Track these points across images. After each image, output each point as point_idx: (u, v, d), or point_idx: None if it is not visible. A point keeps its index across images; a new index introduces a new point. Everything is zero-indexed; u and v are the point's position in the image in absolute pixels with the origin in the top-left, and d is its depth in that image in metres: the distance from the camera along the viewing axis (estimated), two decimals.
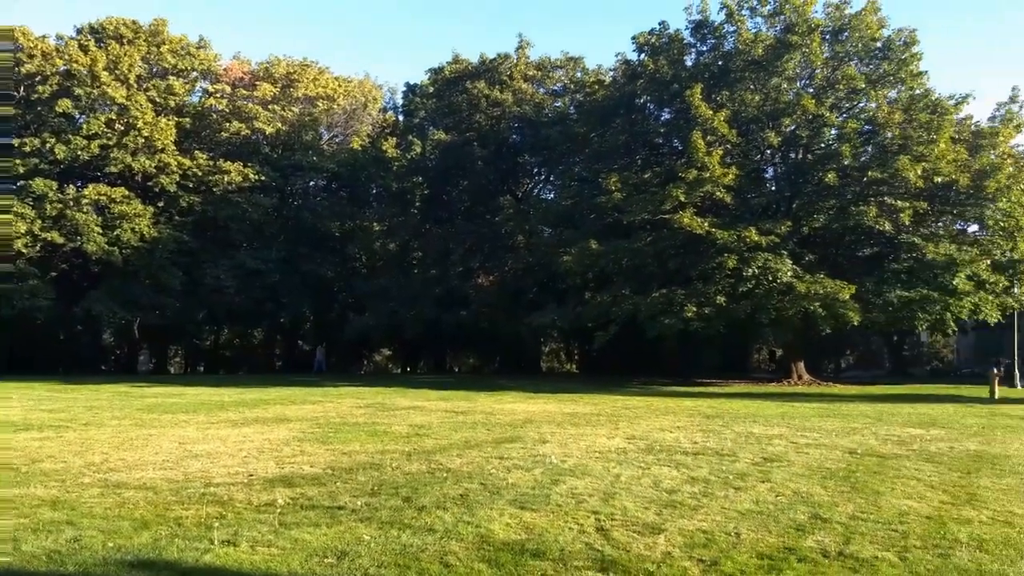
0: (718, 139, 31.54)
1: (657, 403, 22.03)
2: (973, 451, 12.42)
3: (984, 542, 6.95)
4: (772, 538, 7.06)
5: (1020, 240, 30.94)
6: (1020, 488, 9.42)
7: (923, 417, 17.87)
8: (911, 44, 32.18)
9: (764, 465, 10.90)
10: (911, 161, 28.74)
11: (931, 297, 29.02)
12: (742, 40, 32.25)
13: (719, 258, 29.30)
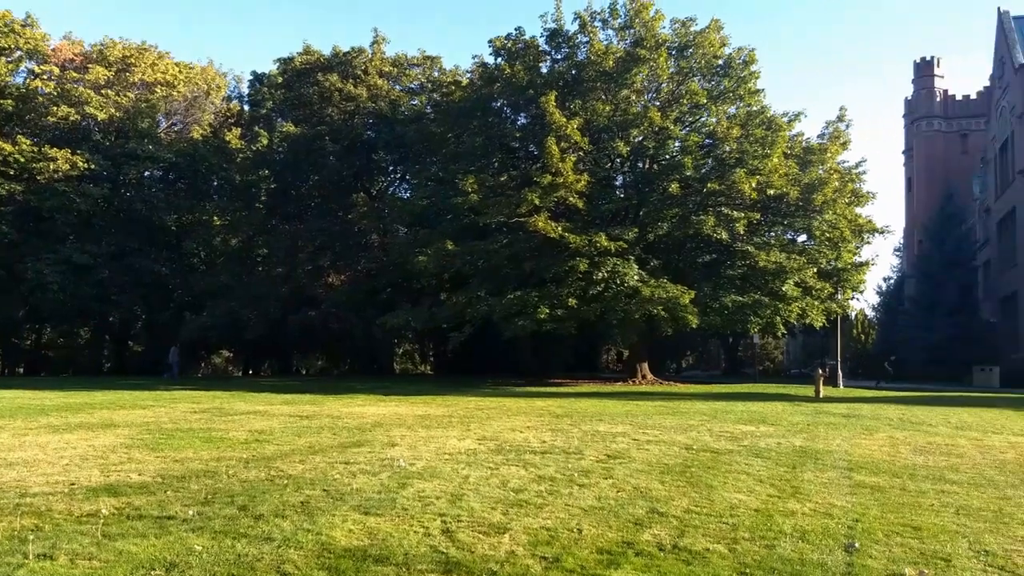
0: (572, 146, 32.36)
1: (510, 403, 22.17)
2: (799, 447, 13.29)
3: (806, 533, 7.36)
4: (612, 533, 7.19)
5: (844, 250, 33.96)
6: (840, 481, 10.13)
7: (754, 415, 19.03)
8: (750, 63, 34.49)
9: (608, 462, 11.15)
10: (747, 174, 30.75)
11: (763, 302, 31.23)
12: (594, 51, 33.28)
13: (572, 262, 30.04)
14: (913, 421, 17.72)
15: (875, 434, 15.18)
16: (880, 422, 17.45)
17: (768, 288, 31.83)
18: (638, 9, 33.79)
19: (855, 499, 8.95)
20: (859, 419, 18.11)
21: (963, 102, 64.11)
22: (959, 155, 62.44)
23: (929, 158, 63.52)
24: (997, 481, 10.21)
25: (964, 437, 14.87)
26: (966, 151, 61.96)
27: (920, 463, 11.61)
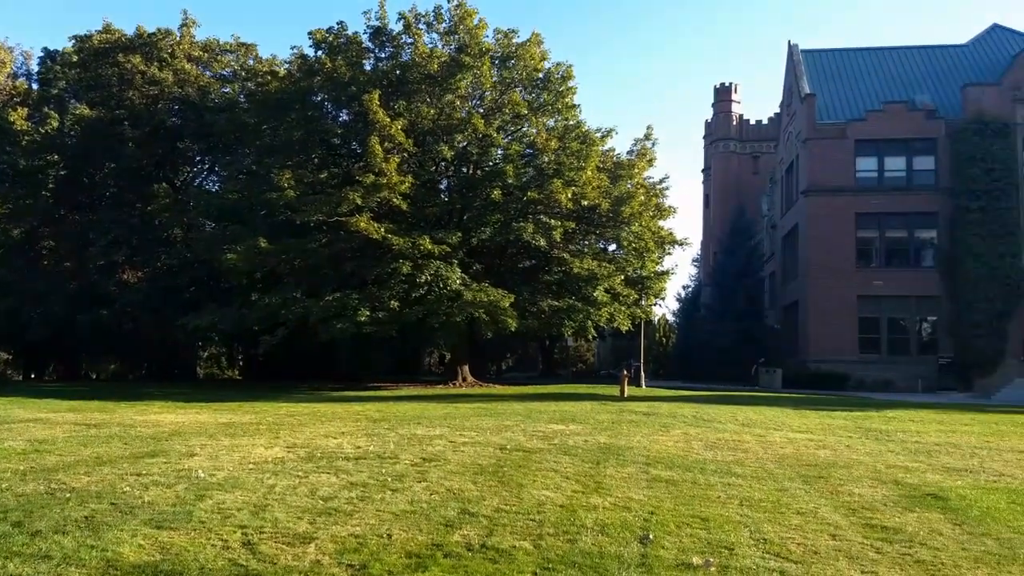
0: (396, 147, 32.02)
1: (324, 409, 21.47)
2: (603, 444, 13.94)
3: (606, 526, 7.69)
4: (422, 536, 7.18)
5: (648, 260, 36.22)
6: (638, 476, 10.71)
7: (565, 414, 19.78)
8: (567, 78, 35.89)
9: (423, 465, 11.08)
10: (563, 185, 31.97)
11: (576, 307, 32.60)
12: (419, 53, 33.17)
13: (394, 264, 29.69)
14: (705, 419, 19.20)
15: (671, 431, 16.27)
16: (676, 420, 18.75)
17: (581, 294, 33.27)
18: (462, 16, 34.10)
19: (651, 492, 9.50)
20: (658, 417, 19.36)
21: (756, 126, 70.90)
22: (751, 175, 68.99)
23: (724, 177, 69.63)
24: (776, 474, 11.26)
25: (749, 433, 16.30)
26: (757, 171, 68.57)
27: (710, 458, 12.57)
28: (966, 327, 36.98)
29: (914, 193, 39.48)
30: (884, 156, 40.31)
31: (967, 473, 11.71)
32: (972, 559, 6.92)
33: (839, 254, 39.71)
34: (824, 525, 8.05)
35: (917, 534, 7.75)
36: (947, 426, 18.81)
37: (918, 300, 39.12)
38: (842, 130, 40.66)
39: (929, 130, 39.49)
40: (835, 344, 38.74)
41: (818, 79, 45.18)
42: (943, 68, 44.30)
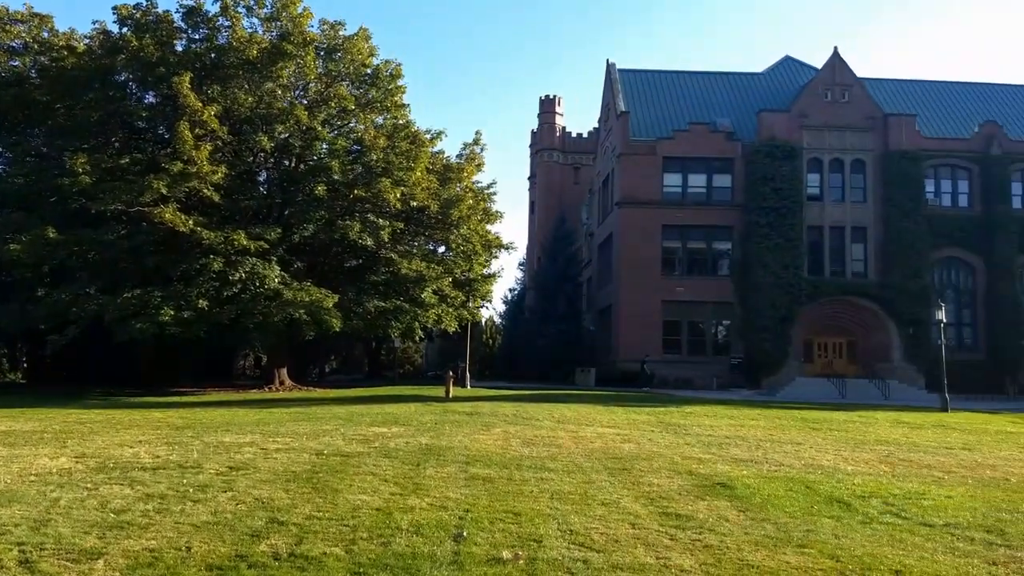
0: (208, 134, 30.16)
1: (120, 416, 19.76)
2: (425, 445, 13.93)
3: (422, 527, 7.69)
4: (225, 547, 6.84)
5: (475, 262, 36.71)
6: (457, 475, 10.80)
7: (388, 416, 19.57)
8: (396, 77, 35.55)
9: (230, 474, 10.52)
10: (392, 184, 31.63)
11: (403, 308, 32.37)
12: (237, 38, 31.46)
13: (204, 259, 27.91)
14: (525, 417, 19.78)
15: (492, 429, 16.60)
16: (497, 419, 19.15)
17: (409, 295, 33.10)
18: (286, 2, 32.74)
19: (469, 491, 9.63)
20: (480, 416, 19.68)
21: (577, 139, 74.08)
22: (572, 185, 72.02)
23: (548, 185, 72.21)
24: (585, 467, 11.81)
25: (563, 430, 16.98)
26: (578, 182, 71.67)
27: (527, 454, 12.95)
28: (755, 330, 40.81)
29: (713, 208, 43.04)
30: (688, 173, 43.63)
31: (752, 463, 12.89)
32: (753, 542, 7.61)
33: (647, 262, 42.44)
34: (625, 515, 8.54)
35: (707, 521, 8.42)
36: (737, 421, 20.65)
37: (715, 306, 42.65)
38: (652, 147, 43.51)
39: (728, 151, 43.23)
40: (642, 345, 41.31)
41: (633, 97, 48.03)
42: (741, 94, 48.66)
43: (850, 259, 41.89)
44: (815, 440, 16.77)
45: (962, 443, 17.14)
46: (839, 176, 42.54)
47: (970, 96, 49.98)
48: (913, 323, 39.80)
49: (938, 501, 10.13)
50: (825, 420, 21.73)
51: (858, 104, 42.76)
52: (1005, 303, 41.42)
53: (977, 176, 43.16)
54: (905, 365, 39.87)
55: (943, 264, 42.88)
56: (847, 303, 41.55)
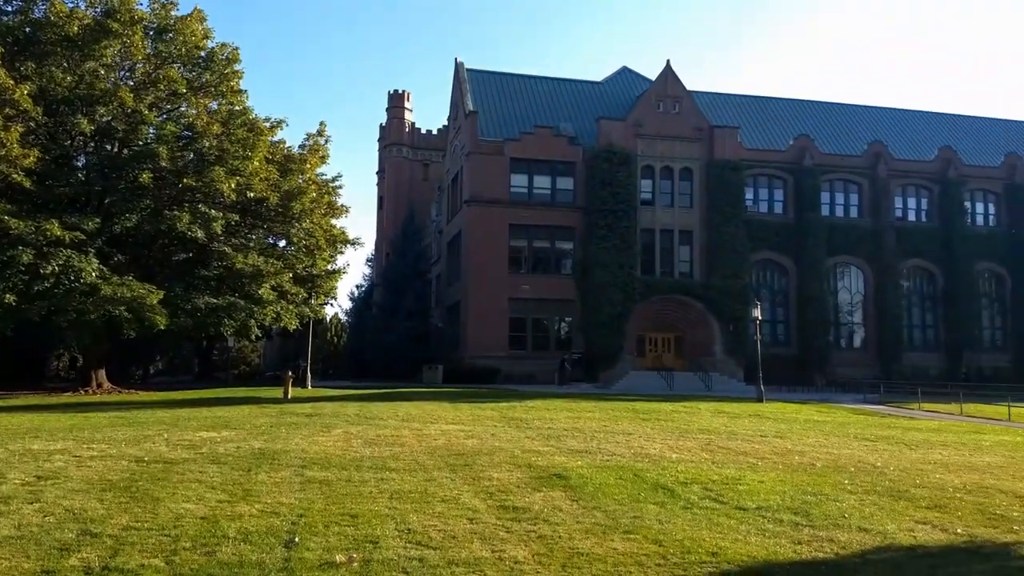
0: (20, 114, 27.33)
1: None
2: (258, 449, 13.33)
3: (251, 534, 7.36)
4: (29, 563, 6.29)
5: (319, 258, 35.53)
6: (292, 479, 10.42)
7: (218, 420, 18.56)
8: (233, 61, 33.72)
9: (37, 484, 9.61)
10: (227, 174, 29.98)
11: (238, 304, 30.78)
12: (55, 12, 28.68)
13: (12, 251, 25.25)
14: (368, 416, 19.45)
15: (332, 431, 16.18)
16: (339, 419, 18.71)
17: (245, 291, 31.53)
18: None
19: (304, 495, 9.33)
20: (321, 417, 19.13)
21: (426, 136, 73.85)
22: (422, 181, 71.73)
23: (398, 181, 71.48)
24: (428, 465, 11.79)
25: (408, 428, 16.86)
26: (427, 178, 71.48)
27: (368, 455, 12.73)
28: (594, 327, 42.55)
29: (557, 209, 44.41)
30: (534, 174, 44.77)
31: (587, 454, 13.42)
32: (584, 531, 7.92)
33: (495, 260, 43.13)
34: (464, 510, 8.61)
35: (542, 512, 8.67)
36: (575, 413, 21.42)
37: (558, 303, 44.06)
38: (500, 147, 44.22)
39: (570, 154, 44.76)
40: (489, 341, 41.95)
41: (482, 98, 48.57)
42: (583, 101, 50.51)
43: (678, 260, 44.64)
44: (644, 430, 17.71)
45: (775, 431, 18.73)
46: (669, 183, 45.22)
47: (787, 111, 54.72)
48: (733, 320, 43.01)
49: (752, 486, 10.99)
50: (654, 411, 23.02)
51: (687, 115, 45.61)
52: (814, 302, 45.72)
53: (791, 185, 47.35)
54: (726, 359, 43.03)
55: (760, 266, 46.72)
56: (675, 301, 44.24)
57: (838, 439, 17.53)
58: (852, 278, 48.38)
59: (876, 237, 47.42)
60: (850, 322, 48.14)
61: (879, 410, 28.28)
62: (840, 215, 48.15)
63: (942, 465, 13.84)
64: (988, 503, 10.32)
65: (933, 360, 47.38)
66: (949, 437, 18.77)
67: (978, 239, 48.87)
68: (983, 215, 50.38)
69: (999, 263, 49.27)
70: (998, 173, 50.05)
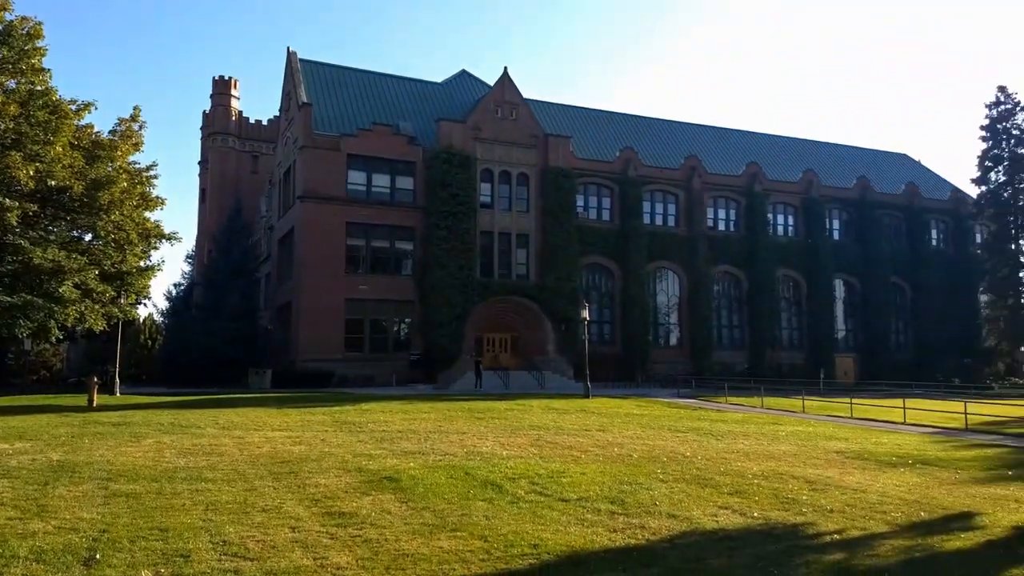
0: None
1: None
2: (57, 461, 12.18)
3: (45, 553, 6.73)
4: None
5: (130, 253, 32.75)
6: (95, 493, 9.61)
7: (11, 430, 16.76)
8: (35, 36, 30.34)
9: None
10: (24, 159, 27.02)
11: (35, 303, 27.77)
12: None
13: None
14: (184, 424, 18.29)
15: (143, 440, 15.07)
16: (151, 428, 17.46)
17: (43, 289, 28.50)
18: None
19: (107, 509, 8.63)
20: (130, 426, 17.76)
21: (256, 126, 70.52)
22: (250, 174, 68.40)
23: (223, 173, 67.73)
24: (249, 474, 11.28)
25: (229, 436, 16.03)
26: (256, 171, 68.28)
27: (182, 465, 11.98)
28: (433, 328, 42.58)
29: (396, 208, 43.99)
30: (372, 172, 44.06)
31: (420, 455, 13.42)
32: (411, 532, 7.92)
33: (330, 259, 41.99)
34: (286, 519, 8.34)
35: (369, 515, 8.57)
36: (410, 415, 21.35)
37: (396, 304, 43.65)
38: (336, 143, 43.13)
39: (410, 154, 44.49)
40: (324, 344, 40.75)
41: (316, 90, 47.16)
42: (422, 101, 50.41)
43: (515, 263, 45.72)
44: (478, 429, 18.00)
45: (598, 425, 19.68)
46: (507, 187, 46.21)
47: (614, 124, 57.65)
48: (564, 320, 44.69)
49: (575, 478, 11.49)
50: (489, 410, 23.44)
51: (524, 123, 46.83)
52: (636, 304, 48.47)
53: (617, 194, 49.94)
54: (558, 358, 44.60)
55: (589, 269, 48.88)
56: (512, 302, 45.28)
57: (654, 431, 18.71)
58: (670, 282, 51.77)
59: (691, 244, 51.06)
60: (667, 322, 51.47)
61: (691, 403, 30.46)
62: (660, 223, 51.36)
63: (744, 454, 15.16)
64: (782, 488, 11.44)
65: (739, 357, 51.68)
66: (751, 428, 20.58)
67: (778, 247, 53.91)
68: (783, 226, 55.64)
69: (796, 270, 54.60)
70: (797, 188, 55.47)
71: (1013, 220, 54.55)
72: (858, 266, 55.86)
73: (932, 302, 57.01)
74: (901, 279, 57.31)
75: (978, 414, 24.23)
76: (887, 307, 56.24)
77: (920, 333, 56.85)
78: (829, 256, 54.80)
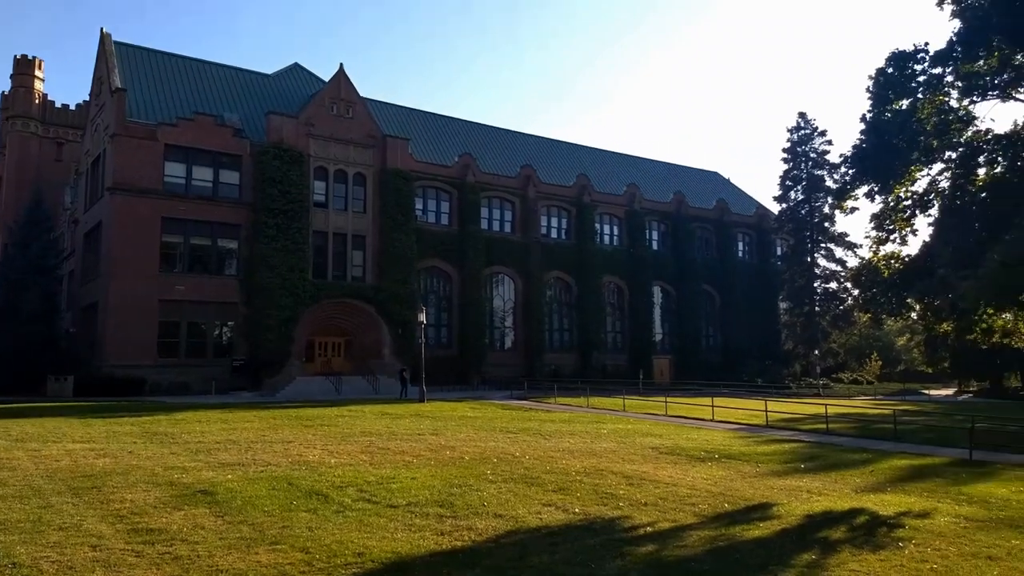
0: None
1: None
2: None
3: None
4: None
5: None
6: None
7: None
8: None
9: None
10: None
11: None
12: None
13: None
14: None
15: None
16: None
17: None
18: None
19: None
20: None
21: (63, 111, 64.05)
22: (54, 162, 62.02)
23: (23, 159, 61.00)
24: (45, 490, 10.23)
25: (22, 449, 14.47)
26: (61, 159, 61.99)
27: None
28: (260, 331, 40.62)
29: (220, 204, 41.49)
30: (193, 164, 41.27)
31: (240, 467, 12.76)
32: (227, 546, 7.51)
33: (143, 257, 38.85)
34: (87, 537, 7.65)
35: (180, 531, 8.03)
36: (231, 424, 20.26)
37: (218, 306, 41.15)
38: (152, 132, 40.05)
39: (236, 147, 42.19)
40: (135, 348, 37.64)
41: (132, 75, 43.67)
42: (250, 92, 48.06)
43: (351, 265, 44.70)
44: (306, 437, 17.41)
45: (432, 429, 19.68)
46: (343, 186, 45.11)
47: (453, 129, 58.13)
48: (401, 324, 44.33)
49: (405, 483, 11.41)
50: (319, 417, 22.76)
51: (361, 122, 45.97)
52: (474, 307, 49.06)
53: (456, 199, 50.32)
54: (394, 361, 44.12)
55: (427, 272, 48.86)
56: (347, 305, 44.25)
57: (486, 433, 19.01)
58: (506, 286, 52.88)
59: (526, 250, 52.47)
60: (503, 326, 52.55)
61: (523, 405, 31.27)
62: (497, 229, 52.35)
63: (569, 452, 15.76)
64: (602, 484, 11.99)
65: (569, 359, 53.70)
66: (577, 427, 21.44)
67: (605, 256, 56.65)
68: (609, 235, 58.55)
69: (620, 277, 57.61)
70: (621, 200, 58.53)
71: (809, 235, 60.70)
72: (674, 274, 59.98)
73: (739, 308, 62.26)
74: (712, 287, 62.08)
75: (777, 412, 26.73)
76: (699, 312, 60.82)
77: (728, 337, 61.81)
78: (649, 265, 58.39)
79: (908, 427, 23.72)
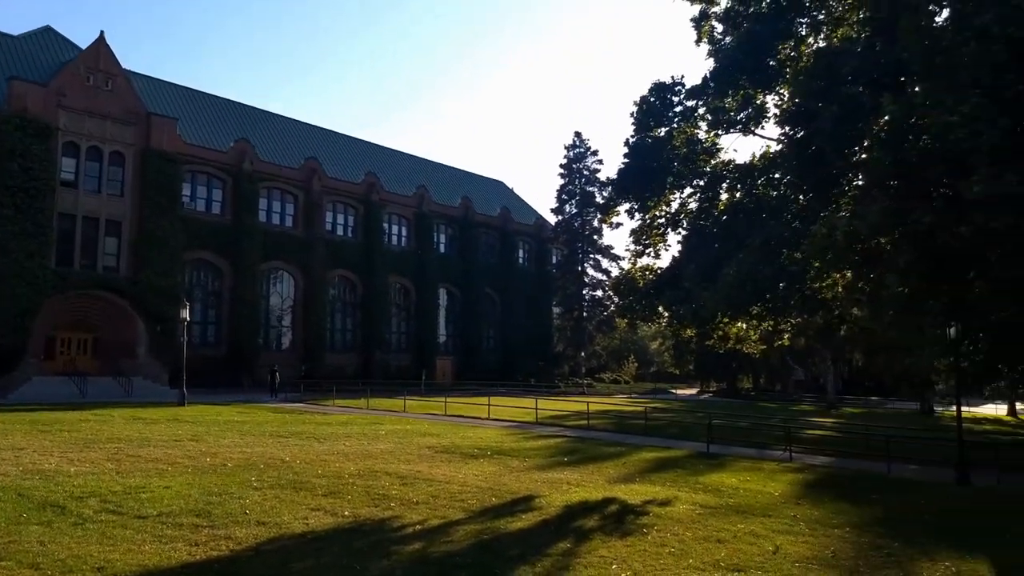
0: None
1: None
2: None
3: None
4: None
5: None
6: None
7: None
8: None
9: None
10: None
11: None
12: None
13: None
14: None
15: None
16: None
17: None
18: None
19: None
20: None
21: None
22: None
23: None
24: None
25: None
26: None
27: None
28: None
29: None
30: None
31: None
32: None
33: None
34: None
35: None
36: None
37: None
38: None
39: None
40: None
41: None
42: None
43: (103, 252, 40.29)
44: (41, 443, 15.51)
45: (191, 435, 18.35)
46: (97, 165, 40.59)
47: (229, 112, 54.48)
48: (162, 320, 40.64)
49: (157, 493, 10.55)
50: (58, 421, 20.36)
51: (122, 96, 41.69)
52: (247, 305, 46.36)
53: (231, 187, 47.28)
54: (151, 361, 40.52)
55: (195, 265, 45.44)
56: (96, 297, 39.90)
57: (254, 438, 18.11)
58: (285, 283, 50.74)
59: (308, 247, 50.63)
60: (280, 325, 50.37)
61: (298, 407, 30.19)
62: (277, 223, 50.05)
63: (343, 455, 15.48)
64: (375, 485, 11.92)
65: (351, 359, 52.68)
66: (354, 429, 21.12)
67: (392, 256, 56.37)
68: (398, 236, 58.34)
69: (408, 278, 57.60)
70: (410, 202, 58.59)
71: (581, 246, 64.84)
72: (460, 277, 61.19)
73: (518, 312, 64.95)
74: (494, 291, 64.16)
75: (547, 410, 28.22)
76: (481, 315, 62.55)
77: (507, 339, 64.23)
78: (436, 267, 59.06)
79: (657, 423, 26.19)
